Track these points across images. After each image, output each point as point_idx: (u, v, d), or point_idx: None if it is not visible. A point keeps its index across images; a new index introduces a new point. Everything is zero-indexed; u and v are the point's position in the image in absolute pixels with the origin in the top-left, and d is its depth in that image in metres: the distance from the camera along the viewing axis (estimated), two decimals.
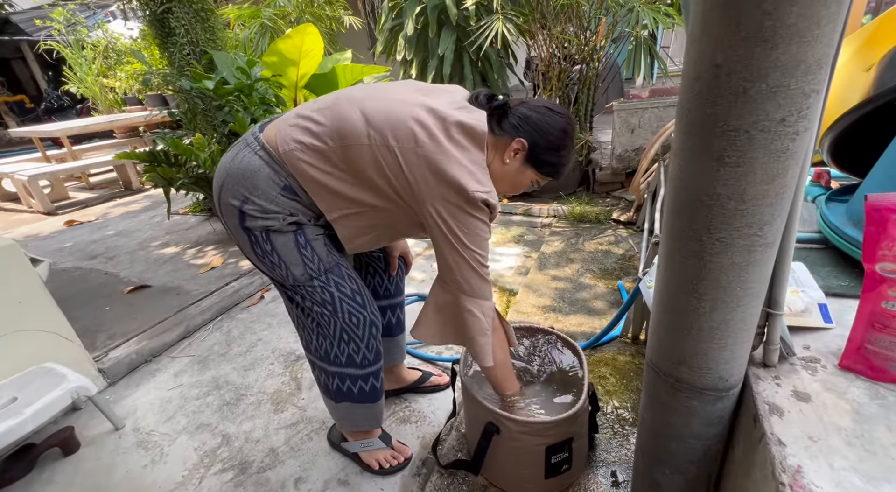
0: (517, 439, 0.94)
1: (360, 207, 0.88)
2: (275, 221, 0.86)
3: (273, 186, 0.85)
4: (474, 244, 0.84)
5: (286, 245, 0.89)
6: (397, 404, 1.43)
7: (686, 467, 0.63)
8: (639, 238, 2.29)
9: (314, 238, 0.93)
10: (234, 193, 0.86)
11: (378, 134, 0.81)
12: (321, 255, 0.94)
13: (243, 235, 0.88)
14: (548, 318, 1.71)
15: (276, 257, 0.90)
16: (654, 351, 0.62)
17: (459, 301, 0.89)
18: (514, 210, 2.88)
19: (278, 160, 0.85)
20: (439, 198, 0.80)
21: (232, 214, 0.87)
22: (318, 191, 0.86)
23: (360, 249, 0.98)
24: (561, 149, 0.89)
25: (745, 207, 0.44)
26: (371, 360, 1.05)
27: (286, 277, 0.92)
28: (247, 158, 0.86)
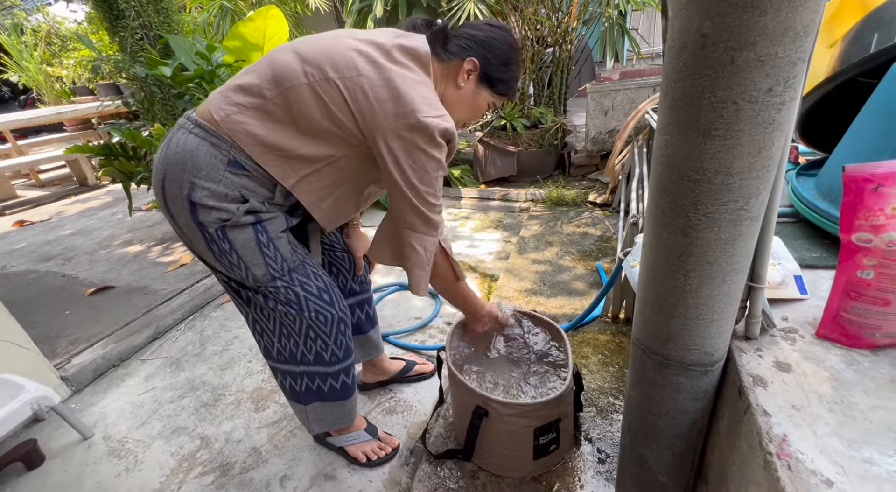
0: (505, 422, 0.94)
1: (316, 164, 0.82)
2: (228, 211, 0.80)
3: (217, 164, 0.78)
4: (423, 182, 0.80)
5: (246, 244, 0.84)
6: (382, 395, 1.41)
7: (673, 441, 0.64)
8: (615, 219, 2.33)
9: (277, 236, 0.87)
10: (179, 182, 0.78)
11: (316, 69, 0.76)
12: (284, 254, 0.89)
13: (197, 232, 0.81)
14: (529, 301, 1.72)
15: (234, 257, 0.84)
16: (640, 330, 0.62)
17: (403, 236, 0.87)
18: (492, 196, 2.87)
19: (216, 132, 0.78)
20: (390, 132, 0.76)
21: (181, 208, 0.80)
22: (267, 155, 0.79)
23: (331, 218, 0.93)
24: (511, 63, 0.89)
25: (732, 180, 0.44)
26: (340, 357, 1.02)
27: (246, 277, 0.87)
28: (182, 139, 0.79)
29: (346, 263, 1.19)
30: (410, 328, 1.69)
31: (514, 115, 2.93)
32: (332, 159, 0.82)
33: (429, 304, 1.86)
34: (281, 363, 1.01)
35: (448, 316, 1.77)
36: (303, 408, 1.07)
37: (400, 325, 1.74)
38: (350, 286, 1.21)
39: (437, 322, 1.74)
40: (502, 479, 1.03)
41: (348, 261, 1.19)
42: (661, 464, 0.67)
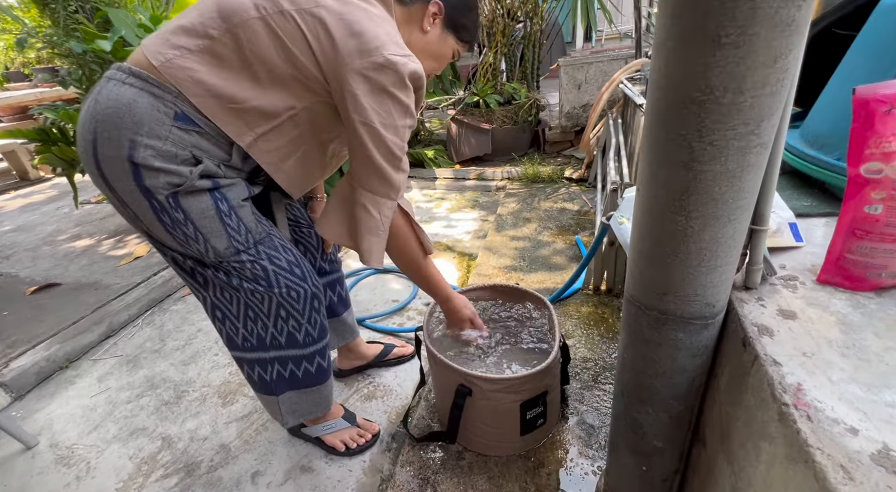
0: (491, 399, 0.89)
1: (275, 119, 0.73)
2: (180, 174, 0.69)
3: (161, 118, 0.67)
4: (388, 130, 0.71)
5: (204, 213, 0.73)
6: (360, 380, 1.34)
7: (670, 403, 0.60)
8: (592, 194, 2.31)
9: (239, 205, 0.78)
10: (116, 142, 0.66)
11: (268, 1, 0.67)
12: (248, 224, 0.79)
13: (143, 200, 0.70)
14: (510, 277, 1.67)
15: (190, 228, 0.73)
16: (634, 286, 0.57)
17: (356, 195, 0.77)
18: (467, 175, 2.80)
19: (157, 81, 0.67)
20: (355, 72, 0.67)
21: (122, 173, 0.68)
22: (219, 109, 0.69)
23: (295, 182, 0.83)
24: (473, 8, 0.84)
25: (743, 98, 0.38)
26: (315, 337, 0.94)
27: (205, 252, 0.76)
28: (113, 91, 0.67)
29: (314, 240, 1.09)
30: (387, 311, 1.61)
31: (487, 91, 2.85)
32: (292, 112, 0.73)
33: (406, 286, 1.79)
34: (248, 351, 0.92)
35: (427, 297, 1.71)
36: (274, 399, 0.98)
37: (377, 308, 1.66)
38: (319, 265, 1.12)
39: (415, 304, 1.67)
40: (489, 458, 0.98)
41: (316, 238, 1.10)
42: (657, 428, 0.63)
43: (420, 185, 2.86)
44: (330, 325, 1.19)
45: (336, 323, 1.21)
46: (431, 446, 1.04)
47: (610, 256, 1.42)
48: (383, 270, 1.89)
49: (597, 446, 0.98)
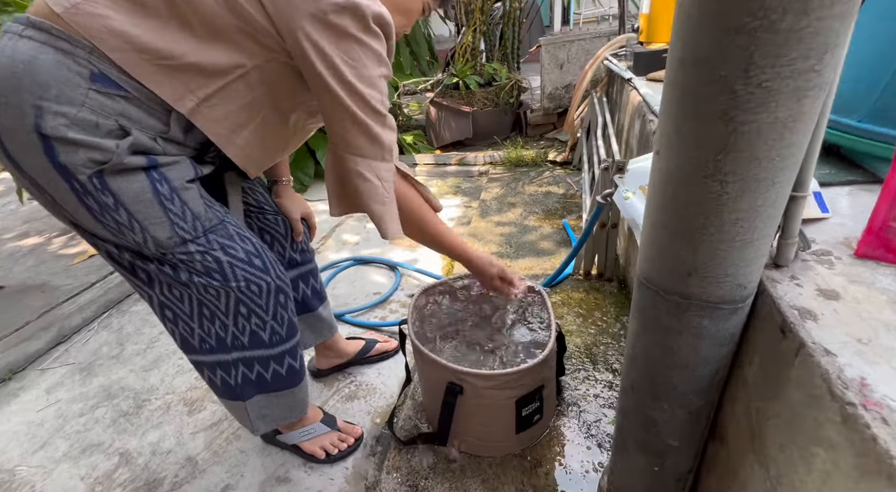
0: (483, 396, 0.81)
1: (220, 79, 0.61)
2: (104, 149, 0.57)
3: (73, 78, 0.54)
4: (362, 81, 0.61)
5: (139, 197, 0.62)
6: (340, 380, 1.24)
7: (689, 399, 0.53)
8: (577, 177, 2.24)
9: (183, 187, 0.66)
10: (16, 109, 0.53)
11: None
12: (196, 210, 0.68)
13: (60, 181, 0.57)
14: None
15: (123, 214, 0.62)
16: (651, 267, 0.49)
17: (347, 164, 0.68)
18: (448, 160, 2.69)
19: (64, 33, 0.54)
20: (311, 18, 0.56)
21: (28, 147, 0.55)
22: (147, 66, 0.57)
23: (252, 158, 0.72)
24: None
25: (807, 22, 0.30)
26: (283, 335, 0.84)
27: (143, 242, 0.65)
28: (8, 47, 0.54)
29: (281, 227, 0.98)
30: (368, 305, 1.51)
31: (467, 72, 2.74)
32: (241, 71, 0.61)
33: (388, 277, 1.69)
34: (206, 354, 0.81)
35: (410, 287, 1.61)
36: (241, 405, 0.88)
37: (357, 302, 1.56)
38: (289, 256, 1.01)
39: (398, 296, 1.58)
40: (482, 459, 0.91)
41: (283, 225, 0.98)
42: (673, 426, 0.56)
43: None
44: (304, 321, 1.09)
45: (312, 319, 1.11)
46: (420, 448, 0.96)
47: (601, 239, 1.36)
48: (363, 261, 1.79)
49: (596, 440, 0.92)
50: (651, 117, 1.11)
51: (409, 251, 1.86)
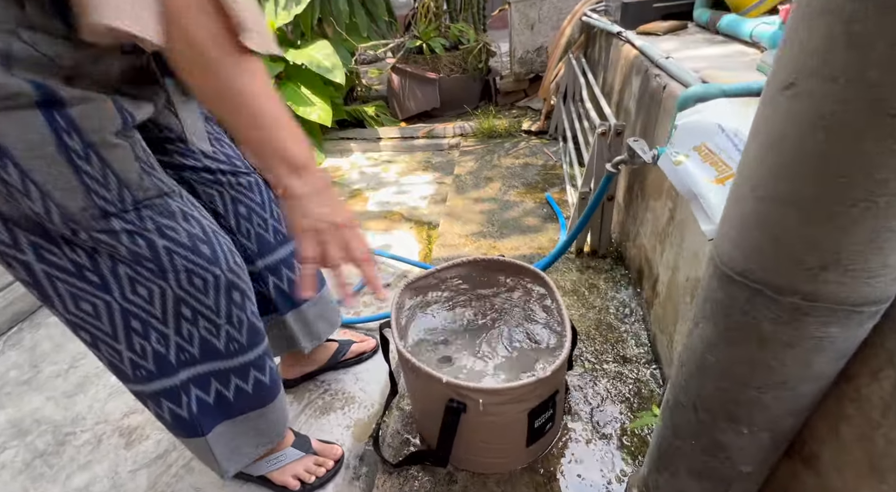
0: (492, 413, 0.67)
1: None
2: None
3: None
4: None
5: (35, 148, 0.44)
6: (312, 390, 1.07)
7: (781, 421, 0.41)
8: (554, 146, 2.11)
9: (105, 143, 0.48)
10: None
11: None
12: (125, 175, 0.50)
13: None
14: (480, 246, 1.45)
15: (12, 172, 0.44)
16: (750, 258, 0.35)
17: None
18: (415, 133, 2.48)
19: None
20: None
21: None
22: None
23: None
24: None
25: None
26: (244, 343, 0.66)
27: (45, 213, 0.47)
28: None
29: (257, 195, 0.78)
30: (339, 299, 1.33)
31: (430, 33, 2.49)
32: None
33: None
34: (145, 382, 0.62)
35: (384, 276, 1.44)
36: (202, 441, 0.69)
37: None
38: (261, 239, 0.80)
39: None
40: (488, 477, 0.78)
41: (260, 191, 0.78)
42: (751, 451, 0.44)
43: (362, 147, 2.50)
44: (273, 330, 0.89)
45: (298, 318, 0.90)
46: (413, 468, 0.82)
47: (596, 215, 1.23)
48: None
49: (614, 443, 0.81)
50: (656, 71, 0.97)
51: (380, 234, 1.67)
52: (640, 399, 0.88)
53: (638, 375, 0.94)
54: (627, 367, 0.96)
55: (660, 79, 0.93)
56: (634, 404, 0.87)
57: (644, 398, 0.88)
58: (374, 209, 1.87)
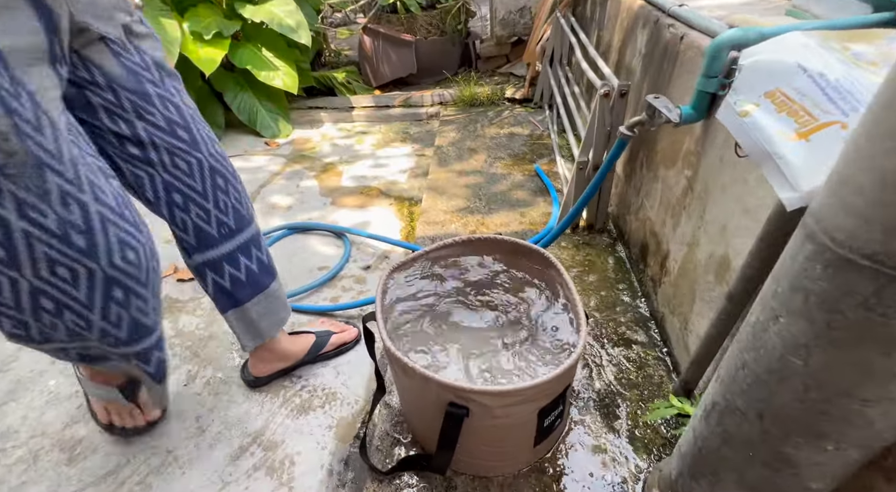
0: (499, 416, 0.58)
1: None
2: None
3: None
4: None
5: None
6: (287, 387, 0.96)
7: (881, 436, 0.33)
8: (540, 115, 1.99)
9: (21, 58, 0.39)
10: None
11: None
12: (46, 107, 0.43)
13: None
14: (467, 223, 1.33)
15: None
16: (874, 231, 0.25)
17: None
18: (391, 102, 2.29)
19: None
20: None
21: None
22: None
23: None
24: None
25: None
26: (124, 339, 0.58)
27: None
28: None
29: (199, 181, 0.65)
30: (314, 284, 1.20)
31: None
32: None
33: (335, 247, 1.37)
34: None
35: (364, 258, 1.31)
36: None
37: (298, 282, 1.24)
38: (200, 232, 0.67)
39: (350, 269, 1.28)
40: (491, 481, 0.70)
41: (203, 176, 0.65)
42: (832, 468, 0.37)
43: (333, 118, 2.30)
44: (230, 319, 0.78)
45: (240, 317, 0.80)
46: (406, 475, 0.73)
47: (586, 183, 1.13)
48: (300, 229, 1.44)
49: (625, 437, 0.75)
50: (668, 21, 0.85)
51: (357, 211, 1.53)
52: (650, 385, 0.82)
53: (646, 358, 0.87)
54: (634, 350, 0.89)
55: (674, 29, 0.82)
56: (645, 391, 0.81)
57: (654, 384, 0.82)
58: (349, 184, 1.72)
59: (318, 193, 1.66)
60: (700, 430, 0.47)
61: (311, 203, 1.60)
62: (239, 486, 0.79)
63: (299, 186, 1.72)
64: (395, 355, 0.59)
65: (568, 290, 0.68)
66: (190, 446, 0.86)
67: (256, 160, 1.94)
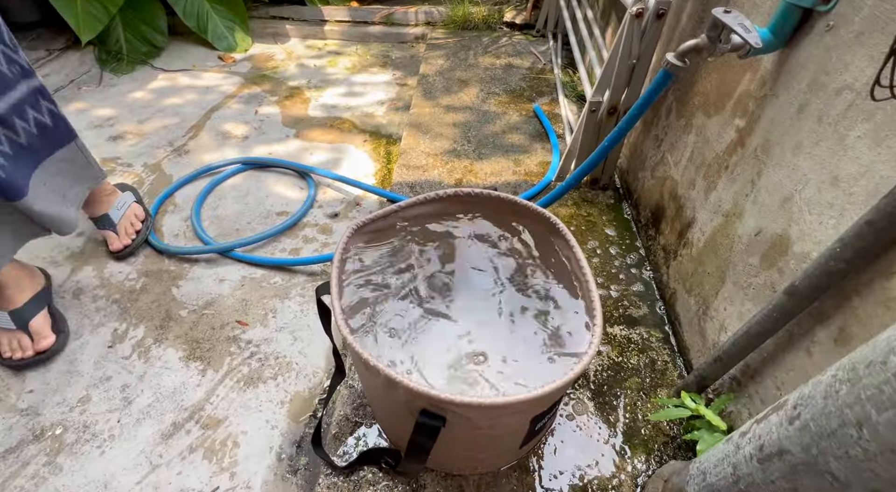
0: (485, 427, 0.46)
1: None
2: None
3: None
4: None
5: None
6: (234, 354, 0.82)
7: None
8: (543, 45, 1.72)
9: None
10: None
11: None
12: None
13: None
14: (452, 169, 1.15)
15: None
16: None
17: None
18: (370, 18, 1.95)
19: None
20: None
21: None
22: None
23: None
24: None
25: None
26: None
27: None
28: None
29: None
30: (271, 232, 1.02)
31: None
32: None
33: (297, 188, 1.17)
34: None
35: (331, 204, 1.13)
36: None
37: (252, 228, 1.05)
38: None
39: (314, 216, 1.10)
40: (466, 479, 0.60)
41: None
42: None
43: (301, 32, 1.95)
44: None
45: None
46: (367, 470, 0.62)
47: (601, 133, 0.96)
48: (258, 165, 1.22)
49: (623, 432, 0.65)
50: None
51: (325, 147, 1.31)
52: (652, 372, 0.72)
53: (649, 340, 0.76)
54: (636, 330, 0.78)
55: None
56: (647, 378, 0.71)
57: (658, 371, 0.72)
58: (317, 115, 1.47)
59: (279, 123, 1.42)
60: (748, 472, 0.36)
61: (272, 134, 1.36)
62: (170, 470, 0.68)
63: (258, 112, 1.46)
64: (353, 348, 0.44)
65: (581, 270, 0.53)
66: (112, 421, 0.73)
67: (208, 78, 1.64)
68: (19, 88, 0.70)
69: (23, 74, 0.71)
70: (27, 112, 0.71)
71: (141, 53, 1.70)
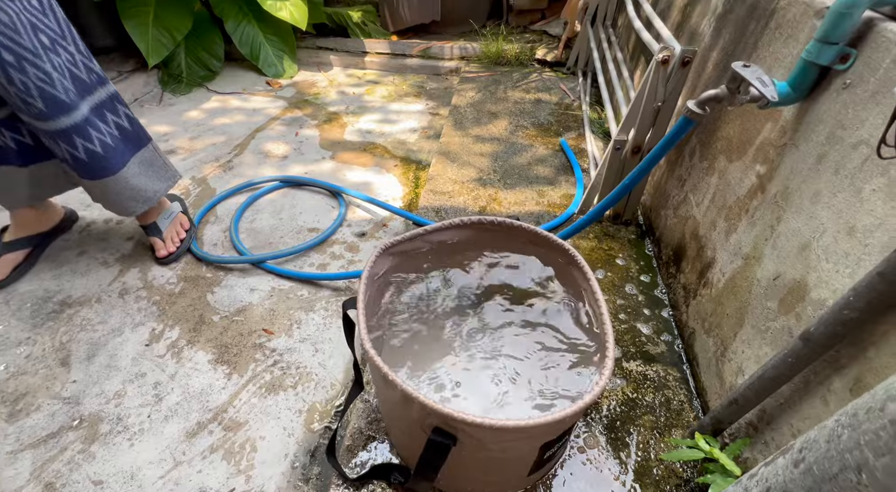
0: (495, 450, 0.47)
1: None
2: None
3: None
4: None
5: None
6: (259, 361, 0.86)
7: None
8: (573, 82, 1.78)
9: None
10: None
11: None
12: None
13: None
14: (478, 196, 1.19)
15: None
16: None
17: None
18: (409, 51, 2.07)
19: None
20: None
21: None
22: None
23: None
24: None
25: None
26: None
27: None
28: None
29: None
30: (302, 247, 1.08)
31: None
32: None
33: (329, 207, 1.24)
34: None
35: (359, 223, 1.18)
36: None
37: (285, 242, 1.12)
38: None
39: (343, 234, 1.15)
40: None
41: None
42: None
43: (343, 61, 2.09)
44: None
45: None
46: (377, 485, 0.64)
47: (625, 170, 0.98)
48: (293, 183, 1.30)
49: (633, 470, 0.65)
50: None
51: (358, 170, 1.38)
52: (668, 411, 0.71)
53: (665, 378, 0.76)
54: (653, 367, 0.77)
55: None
56: (661, 418, 0.70)
57: (673, 410, 0.71)
58: (352, 139, 1.55)
59: (317, 145, 1.51)
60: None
61: (309, 155, 1.45)
62: (191, 468, 0.71)
63: (298, 134, 1.56)
64: (374, 362, 0.47)
65: (596, 302, 0.55)
66: (143, 415, 0.78)
67: (255, 101, 1.77)
68: (98, 93, 0.80)
69: (100, 81, 0.81)
70: (107, 115, 0.82)
71: (199, 77, 1.86)
